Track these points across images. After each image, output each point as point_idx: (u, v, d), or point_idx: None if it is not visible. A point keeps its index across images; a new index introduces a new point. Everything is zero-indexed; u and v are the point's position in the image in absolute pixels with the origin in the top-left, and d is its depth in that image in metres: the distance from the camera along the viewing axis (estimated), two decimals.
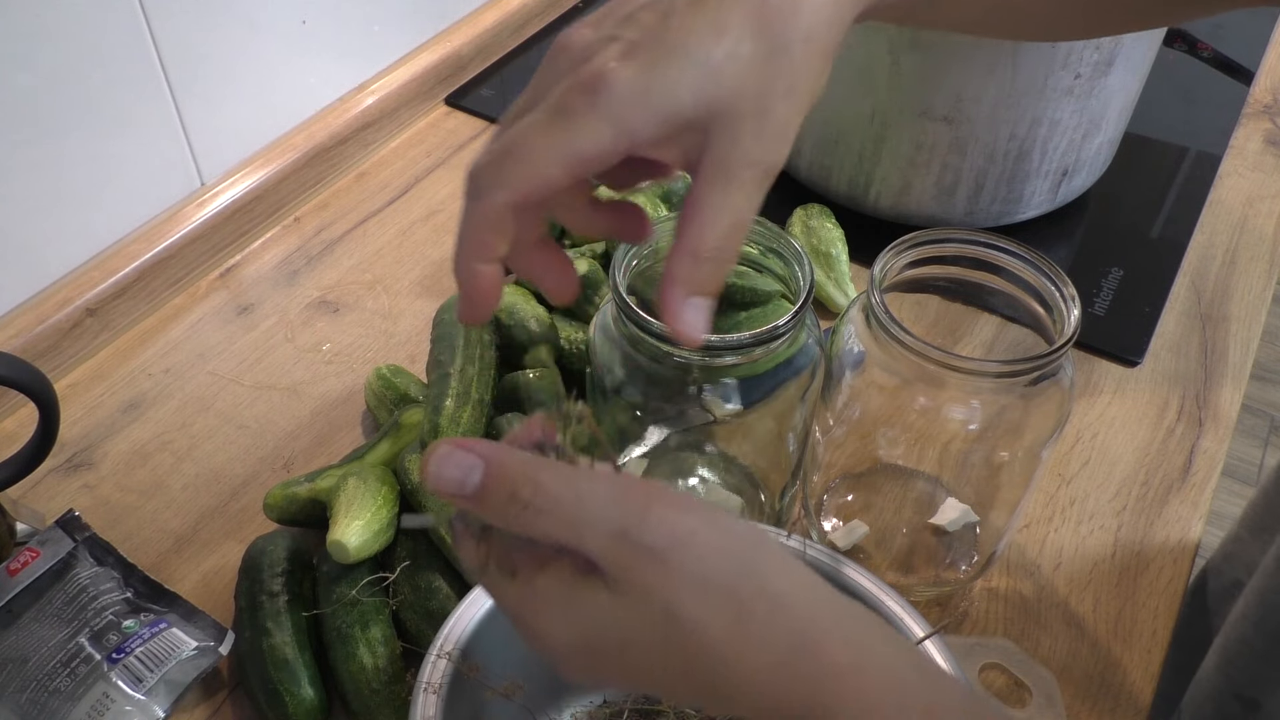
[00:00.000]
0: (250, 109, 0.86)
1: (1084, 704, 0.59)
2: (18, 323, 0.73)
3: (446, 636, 0.47)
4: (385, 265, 0.86)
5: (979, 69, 0.75)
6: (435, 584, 0.59)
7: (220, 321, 0.81)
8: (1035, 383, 0.54)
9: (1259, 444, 1.95)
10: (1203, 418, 0.74)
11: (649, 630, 0.33)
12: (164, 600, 0.60)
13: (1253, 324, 0.81)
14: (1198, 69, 1.06)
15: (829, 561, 0.51)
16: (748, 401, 0.56)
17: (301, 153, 0.89)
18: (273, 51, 0.86)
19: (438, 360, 0.65)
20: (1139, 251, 0.87)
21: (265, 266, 0.85)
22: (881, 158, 0.82)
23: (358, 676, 0.56)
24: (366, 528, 0.58)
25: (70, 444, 0.72)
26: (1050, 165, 0.82)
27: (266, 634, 0.57)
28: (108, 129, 0.75)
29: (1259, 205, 0.92)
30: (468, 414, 0.61)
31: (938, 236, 0.56)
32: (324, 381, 0.76)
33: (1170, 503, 0.69)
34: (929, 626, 0.49)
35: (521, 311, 0.70)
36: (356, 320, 0.81)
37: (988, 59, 0.74)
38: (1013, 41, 0.73)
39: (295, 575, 0.60)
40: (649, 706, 0.55)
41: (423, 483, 0.35)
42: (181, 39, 0.77)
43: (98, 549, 0.61)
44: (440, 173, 0.95)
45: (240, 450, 0.72)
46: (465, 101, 1.02)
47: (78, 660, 0.56)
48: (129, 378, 0.76)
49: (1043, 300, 0.55)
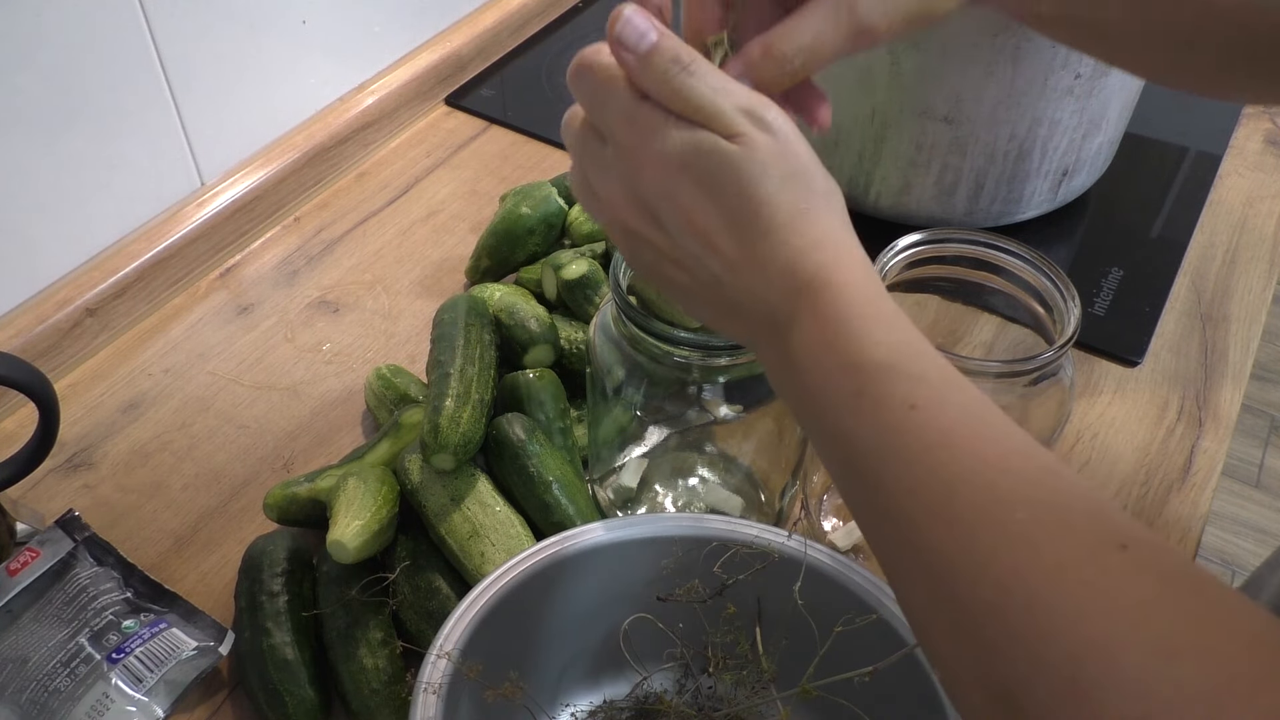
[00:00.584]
0: (250, 109, 0.86)
1: None
2: (18, 323, 0.73)
3: (446, 636, 0.47)
4: (385, 265, 0.86)
5: (979, 69, 0.75)
6: (435, 584, 0.59)
7: (220, 321, 0.81)
8: (1035, 383, 0.54)
9: (1259, 444, 1.95)
10: (1203, 418, 0.74)
11: (742, 168, 0.39)
12: (164, 600, 0.60)
13: (1253, 324, 0.81)
14: None
15: (829, 561, 0.51)
16: (748, 401, 0.56)
17: (301, 153, 0.89)
18: (273, 51, 0.86)
19: (438, 360, 0.65)
20: (1139, 251, 0.87)
21: (265, 266, 0.85)
22: (881, 158, 0.82)
23: (358, 676, 0.56)
24: (366, 528, 0.57)
25: (70, 444, 0.72)
26: (1050, 165, 0.82)
27: (266, 634, 0.57)
28: (108, 129, 0.75)
29: (1259, 205, 0.92)
30: (468, 414, 0.61)
31: (938, 236, 0.56)
32: (324, 381, 0.76)
33: (1170, 503, 0.69)
34: None
35: (521, 311, 0.70)
36: (356, 320, 0.81)
37: (988, 59, 0.74)
38: (1015, 41, 0.73)
39: (295, 575, 0.60)
40: (648, 706, 0.55)
41: (608, 35, 0.41)
42: (181, 39, 0.77)
43: (98, 549, 0.61)
44: (440, 173, 0.95)
45: (240, 450, 0.72)
46: (465, 101, 1.02)
47: (78, 660, 0.56)
48: (129, 378, 0.76)
49: (1043, 300, 0.55)
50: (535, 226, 0.78)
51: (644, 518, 0.54)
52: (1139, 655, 0.29)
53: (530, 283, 0.77)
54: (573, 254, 0.75)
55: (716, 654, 0.54)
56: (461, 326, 0.67)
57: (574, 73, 0.42)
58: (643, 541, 0.53)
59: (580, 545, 0.52)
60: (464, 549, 0.59)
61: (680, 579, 0.53)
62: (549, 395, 0.66)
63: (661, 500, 0.67)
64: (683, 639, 0.53)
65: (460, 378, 0.63)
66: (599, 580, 0.53)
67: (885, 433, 0.37)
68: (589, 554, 0.52)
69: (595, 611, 0.54)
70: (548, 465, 0.62)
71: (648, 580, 0.53)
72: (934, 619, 0.35)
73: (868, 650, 0.49)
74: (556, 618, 0.53)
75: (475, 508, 0.60)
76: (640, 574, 0.53)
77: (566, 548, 0.51)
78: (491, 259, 0.80)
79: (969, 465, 0.35)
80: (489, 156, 0.96)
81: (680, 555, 0.53)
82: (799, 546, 0.52)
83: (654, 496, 0.67)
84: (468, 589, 0.50)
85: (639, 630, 0.54)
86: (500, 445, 0.63)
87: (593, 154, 0.43)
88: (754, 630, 0.53)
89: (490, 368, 0.65)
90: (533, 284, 0.77)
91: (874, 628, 0.49)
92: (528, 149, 0.97)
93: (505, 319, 0.70)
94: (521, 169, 0.95)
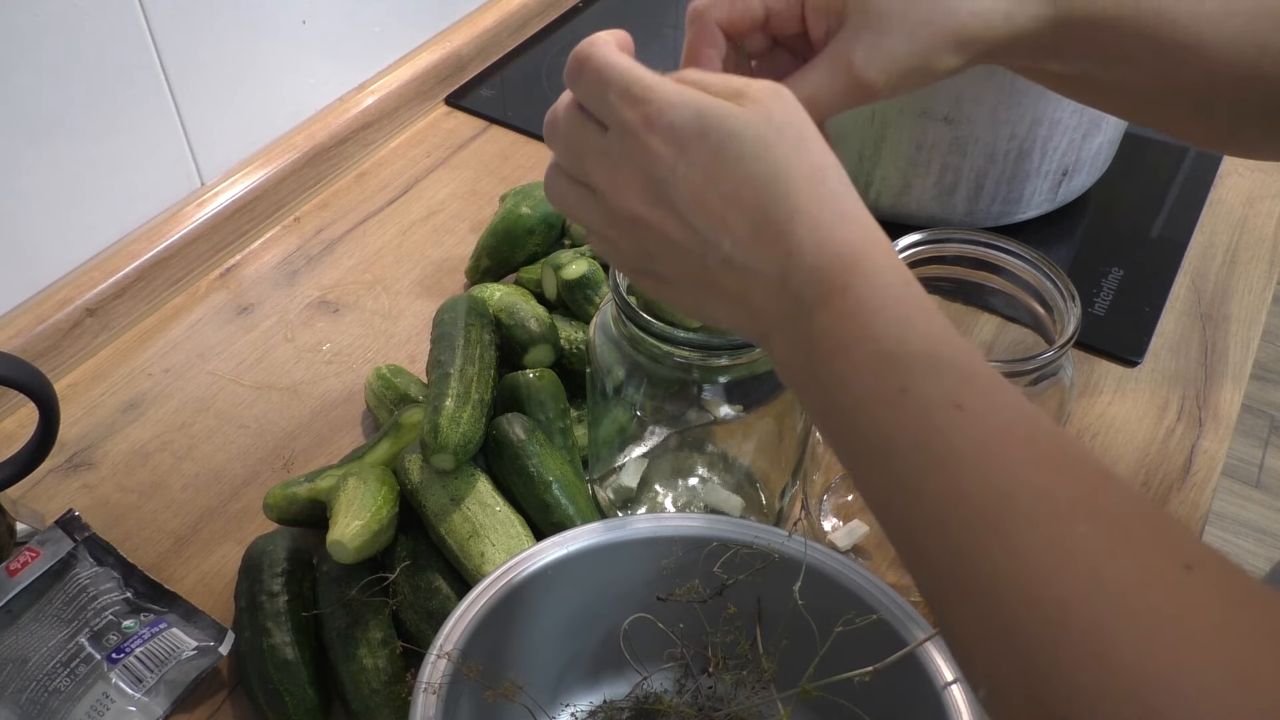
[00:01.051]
0: (250, 109, 0.86)
1: None
2: (18, 323, 0.73)
3: (446, 636, 0.47)
4: (385, 265, 0.86)
5: (979, 69, 0.75)
6: (435, 584, 0.59)
7: (220, 321, 0.81)
8: (1035, 382, 0.54)
9: (1259, 444, 1.95)
10: (1203, 418, 0.74)
11: (754, 129, 0.38)
12: (164, 600, 0.60)
13: (1253, 324, 0.81)
14: None
15: (829, 561, 0.51)
16: (748, 401, 0.56)
17: (301, 153, 0.89)
18: (273, 51, 0.86)
19: (438, 360, 0.65)
20: (1139, 251, 0.87)
21: (265, 266, 0.85)
22: (881, 158, 0.82)
23: (358, 676, 0.56)
24: (366, 528, 0.57)
25: (70, 444, 0.72)
26: (1050, 165, 0.82)
27: (266, 634, 0.57)
28: (108, 129, 0.75)
29: (1259, 205, 0.92)
30: (468, 414, 0.61)
31: (938, 236, 0.56)
32: (324, 381, 0.76)
33: (1170, 503, 0.69)
34: (929, 627, 0.49)
35: (521, 311, 0.70)
36: (356, 320, 0.81)
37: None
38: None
39: (295, 575, 0.60)
40: (648, 706, 0.55)
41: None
42: (181, 39, 0.77)
43: (98, 549, 0.61)
44: (440, 173, 0.95)
45: (240, 450, 0.72)
46: (465, 101, 1.02)
47: (78, 660, 0.56)
48: (129, 378, 0.76)
49: (1043, 300, 0.55)
50: (535, 226, 0.78)
51: (644, 518, 0.54)
52: (1213, 687, 0.28)
53: (530, 283, 0.77)
54: (573, 254, 0.75)
55: (716, 654, 0.54)
56: (461, 326, 0.67)
57: (573, 62, 0.41)
58: (643, 541, 0.53)
59: (580, 545, 0.52)
60: (464, 549, 0.59)
61: (680, 579, 0.53)
62: (549, 395, 0.66)
63: (661, 500, 0.67)
64: (683, 639, 0.53)
65: (460, 378, 0.63)
66: (599, 580, 0.53)
67: (929, 433, 0.34)
68: (589, 554, 0.52)
69: (595, 611, 0.54)
70: (548, 465, 0.62)
71: (648, 580, 0.53)
72: (981, 640, 0.32)
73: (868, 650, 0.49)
74: (556, 618, 0.53)
75: (475, 508, 0.60)
76: (640, 574, 0.53)
77: (567, 548, 0.51)
78: (491, 259, 0.80)
79: (1023, 472, 0.32)
80: (489, 156, 0.96)
81: (680, 555, 0.53)
82: (799, 546, 0.52)
83: (654, 496, 0.67)
84: (468, 589, 0.50)
85: (639, 630, 0.54)
86: (500, 445, 0.63)
87: (591, 143, 0.41)
88: (754, 630, 0.53)
89: (490, 368, 0.65)
90: (533, 284, 0.77)
91: (874, 628, 0.49)
92: (528, 149, 0.97)
93: (505, 319, 0.70)
94: (521, 169, 0.95)
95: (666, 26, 1.14)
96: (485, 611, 0.49)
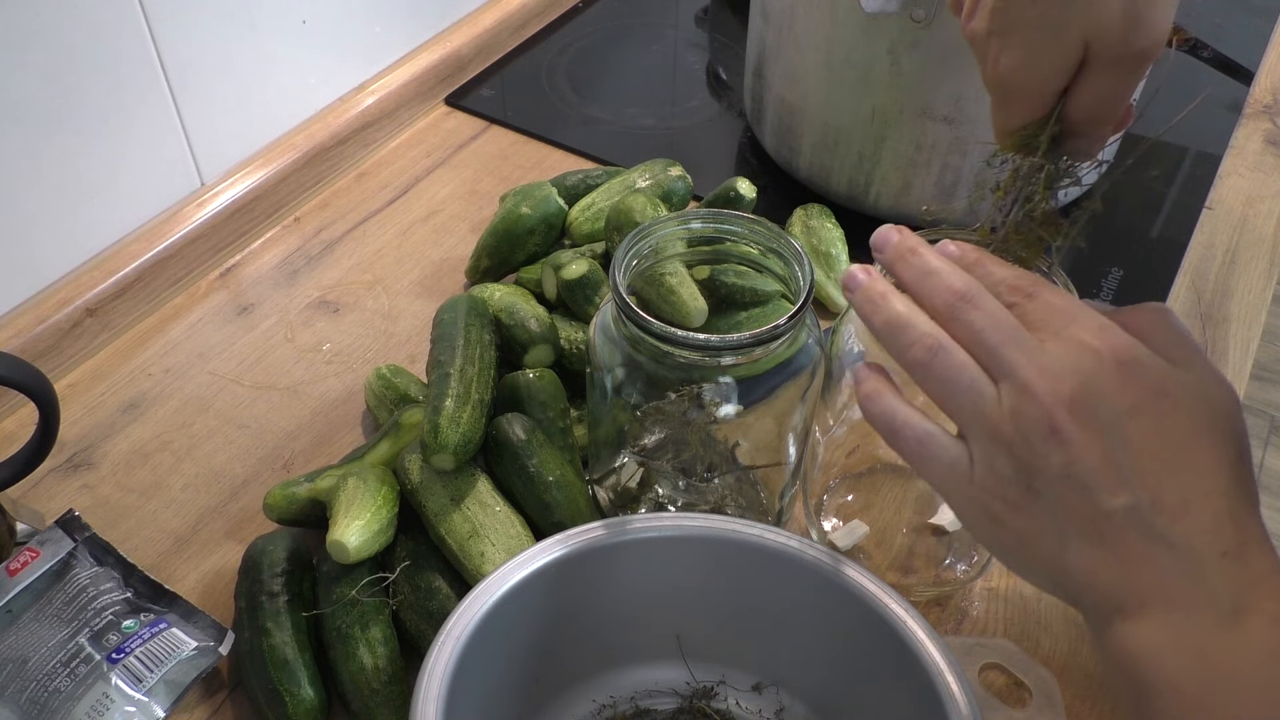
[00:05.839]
0: (250, 109, 0.86)
1: (1084, 704, 0.59)
2: (18, 323, 0.73)
3: (446, 636, 0.47)
4: (385, 265, 0.86)
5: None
6: (435, 584, 0.59)
7: (220, 321, 0.81)
8: None
9: (1259, 444, 1.95)
10: None
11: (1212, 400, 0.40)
12: (164, 600, 0.60)
13: (1253, 324, 0.81)
14: (1198, 69, 1.06)
15: (829, 561, 0.51)
16: (748, 401, 0.56)
17: (301, 153, 0.89)
18: (273, 52, 0.86)
19: (438, 360, 0.65)
20: (1139, 251, 0.87)
21: (265, 266, 0.85)
22: (881, 158, 0.82)
23: (358, 676, 0.56)
24: (366, 528, 0.58)
25: (70, 444, 0.72)
26: None
27: (266, 634, 0.57)
28: (108, 129, 0.75)
29: (1259, 205, 0.92)
30: (468, 414, 0.61)
31: (938, 236, 0.56)
32: (324, 381, 0.76)
33: None
34: (929, 627, 0.49)
35: (521, 311, 0.70)
36: (356, 320, 0.81)
37: None
38: None
39: (295, 575, 0.60)
40: (649, 706, 0.55)
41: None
42: (181, 39, 0.77)
43: (97, 549, 0.61)
44: (440, 173, 0.95)
45: (240, 450, 0.72)
46: (465, 101, 1.02)
47: (78, 660, 0.56)
48: (129, 378, 0.76)
49: None
50: (535, 226, 0.78)
51: (644, 518, 0.54)
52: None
53: (530, 283, 0.77)
54: (573, 254, 0.75)
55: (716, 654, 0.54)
56: (461, 326, 0.67)
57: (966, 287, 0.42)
58: (643, 541, 0.53)
59: (580, 545, 0.52)
60: (464, 549, 0.59)
61: (680, 578, 0.53)
62: (549, 395, 0.66)
63: (662, 500, 0.67)
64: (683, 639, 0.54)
65: (460, 378, 0.63)
66: (598, 580, 0.53)
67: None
68: (589, 554, 0.52)
69: (595, 611, 0.54)
70: (548, 465, 0.62)
71: (647, 579, 0.53)
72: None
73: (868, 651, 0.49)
74: (556, 618, 0.53)
75: (475, 508, 0.60)
76: (640, 573, 0.53)
77: (567, 548, 0.51)
78: (491, 259, 0.80)
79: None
80: (489, 156, 0.96)
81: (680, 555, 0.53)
82: (799, 547, 0.52)
83: (654, 496, 0.67)
84: (468, 589, 0.50)
85: (639, 630, 0.54)
86: (500, 445, 0.63)
87: (1022, 342, 0.40)
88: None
89: (490, 368, 0.65)
90: (533, 284, 0.77)
91: (874, 628, 0.49)
92: (528, 149, 0.97)
93: (505, 319, 0.70)
94: (521, 169, 0.95)
95: (667, 26, 1.14)
96: (485, 612, 0.49)
